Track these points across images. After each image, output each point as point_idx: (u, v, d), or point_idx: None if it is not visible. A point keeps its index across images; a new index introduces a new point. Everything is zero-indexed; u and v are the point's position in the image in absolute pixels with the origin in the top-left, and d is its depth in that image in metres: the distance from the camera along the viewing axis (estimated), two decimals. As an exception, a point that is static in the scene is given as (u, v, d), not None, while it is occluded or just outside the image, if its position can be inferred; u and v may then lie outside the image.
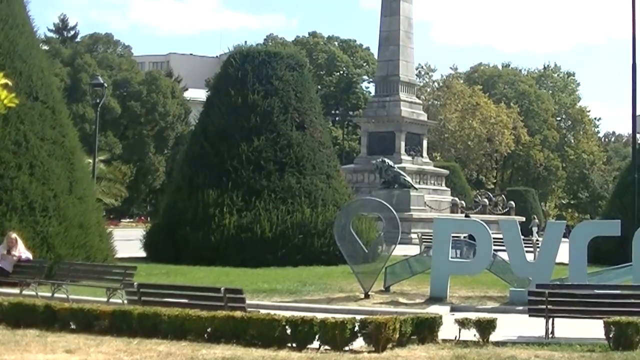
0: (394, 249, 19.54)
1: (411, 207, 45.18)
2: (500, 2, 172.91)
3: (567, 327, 13.10)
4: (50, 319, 12.61)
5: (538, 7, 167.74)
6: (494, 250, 18.85)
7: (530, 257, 22.13)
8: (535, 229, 51.76)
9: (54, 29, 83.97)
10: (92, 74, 64.96)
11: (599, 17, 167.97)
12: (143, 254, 28.59)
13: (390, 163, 46.28)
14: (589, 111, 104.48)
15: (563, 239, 18.03)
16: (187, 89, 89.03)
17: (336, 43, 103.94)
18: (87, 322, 12.33)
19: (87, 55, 77.20)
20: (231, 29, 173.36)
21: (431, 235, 21.09)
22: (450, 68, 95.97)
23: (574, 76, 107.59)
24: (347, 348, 10.97)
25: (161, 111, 78.62)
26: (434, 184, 52.94)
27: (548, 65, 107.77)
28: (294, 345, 11.14)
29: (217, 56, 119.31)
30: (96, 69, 72.34)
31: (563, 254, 17.76)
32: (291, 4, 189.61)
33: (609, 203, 36.22)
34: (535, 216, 58.69)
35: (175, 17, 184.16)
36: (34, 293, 16.59)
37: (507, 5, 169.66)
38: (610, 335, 11.58)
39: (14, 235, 18.37)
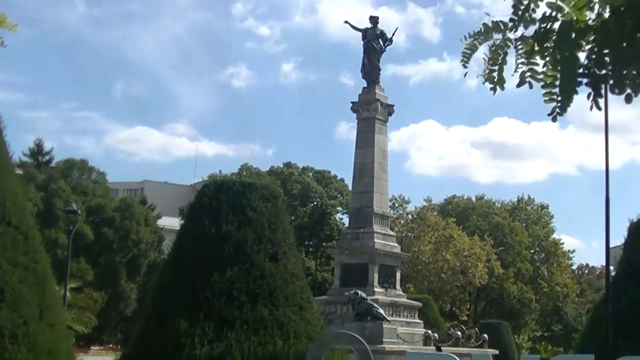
0: (366, 382, 19.42)
1: (384, 340, 44.89)
2: (474, 134, 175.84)
3: None
4: None
5: (512, 138, 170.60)
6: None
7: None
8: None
9: (29, 153, 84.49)
10: (66, 199, 65.10)
11: (572, 147, 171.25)
12: (112, 383, 28.21)
13: (363, 295, 46.21)
14: (562, 243, 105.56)
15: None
16: (160, 217, 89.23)
17: (311, 174, 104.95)
18: None
19: (62, 180, 77.49)
20: (207, 156, 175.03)
21: (403, 369, 21.00)
22: (424, 200, 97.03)
23: (547, 208, 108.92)
24: None
25: (134, 238, 78.56)
26: (407, 317, 52.74)
27: (522, 198, 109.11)
28: None
29: (191, 185, 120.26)
30: (70, 194, 72.53)
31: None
32: (267, 134, 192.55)
33: (582, 336, 36.15)
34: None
35: (151, 144, 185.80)
36: (-2, 423, 16.31)
37: (482, 137, 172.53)
38: None
39: (-19, 363, 18.17)
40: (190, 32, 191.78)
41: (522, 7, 6.94)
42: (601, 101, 6.92)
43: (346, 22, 54.52)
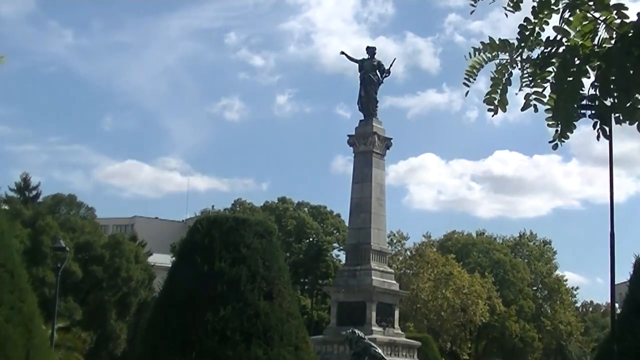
0: None
1: (382, 380, 44.64)
2: (475, 168, 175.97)
3: None
4: None
5: (514, 171, 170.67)
6: None
7: None
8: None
9: (15, 188, 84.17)
10: (53, 236, 64.85)
11: (575, 181, 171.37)
12: None
13: (361, 334, 45.97)
14: (566, 280, 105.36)
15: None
16: (151, 254, 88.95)
17: (306, 209, 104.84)
18: None
19: (49, 216, 77.24)
20: (199, 191, 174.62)
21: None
22: (423, 236, 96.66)
23: (550, 244, 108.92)
24: None
25: (124, 276, 78.22)
26: (406, 356, 52.48)
27: (524, 233, 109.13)
28: None
29: (183, 220, 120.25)
30: (58, 231, 72.24)
31: None
32: (261, 168, 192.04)
33: (587, 376, 36.05)
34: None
35: (141, 179, 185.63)
36: None
37: (482, 170, 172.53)
38: None
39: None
40: (182, 63, 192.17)
41: (529, 29, 6.88)
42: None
43: (342, 53, 54.74)
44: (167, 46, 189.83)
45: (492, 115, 7.28)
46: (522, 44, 6.92)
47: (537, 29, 6.86)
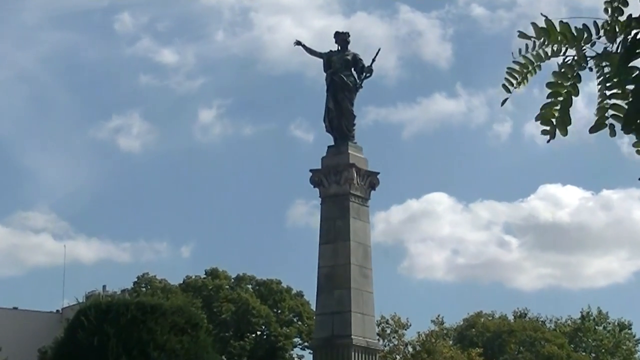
0: None
1: None
2: (510, 213, 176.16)
3: None
4: None
5: (571, 217, 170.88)
6: None
7: None
8: None
9: None
10: None
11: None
12: None
13: None
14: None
15: None
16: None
17: (250, 286, 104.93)
18: None
19: None
20: (83, 263, 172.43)
21: None
22: (433, 322, 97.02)
23: (630, 329, 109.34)
24: None
25: (-33, 402, 78.14)
26: None
27: (588, 313, 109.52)
28: None
29: (58, 311, 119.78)
30: None
31: None
32: (179, 225, 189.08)
33: None
34: None
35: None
36: None
37: (522, 217, 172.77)
38: None
39: None
40: (47, 64, 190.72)
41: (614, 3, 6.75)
42: None
43: (298, 43, 54.74)
44: (23, 38, 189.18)
45: (548, 141, 6.99)
46: (607, 26, 6.72)
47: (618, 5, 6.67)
